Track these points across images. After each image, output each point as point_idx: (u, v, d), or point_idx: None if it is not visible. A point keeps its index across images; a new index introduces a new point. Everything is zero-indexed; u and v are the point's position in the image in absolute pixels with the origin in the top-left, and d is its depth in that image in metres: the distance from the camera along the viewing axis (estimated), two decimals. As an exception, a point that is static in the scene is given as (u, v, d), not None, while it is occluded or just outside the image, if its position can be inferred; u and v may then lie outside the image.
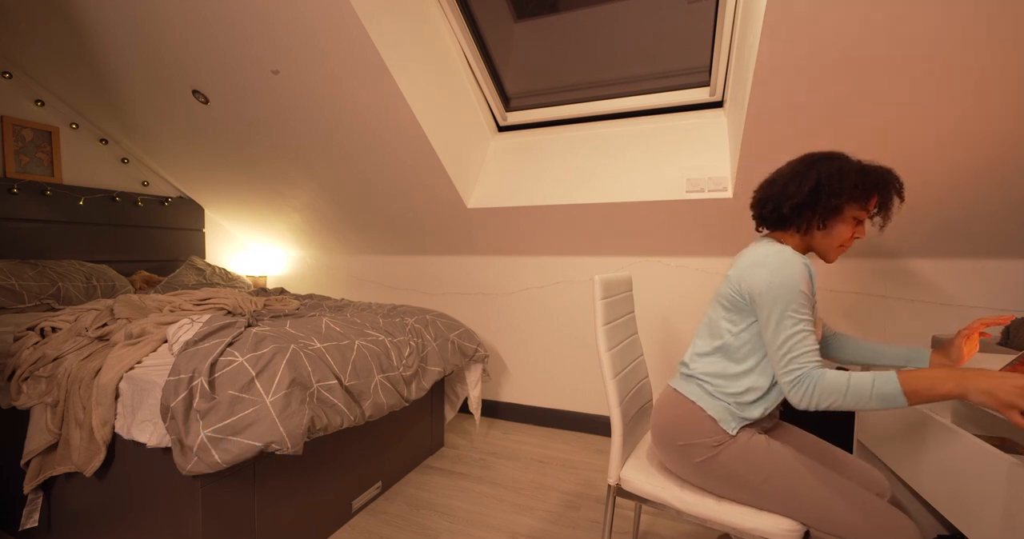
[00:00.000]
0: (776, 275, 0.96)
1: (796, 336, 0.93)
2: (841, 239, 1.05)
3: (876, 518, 0.91)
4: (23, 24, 2.04)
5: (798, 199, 1.03)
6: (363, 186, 2.46)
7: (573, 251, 2.48)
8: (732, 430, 1.03)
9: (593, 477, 2.01)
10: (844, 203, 1.01)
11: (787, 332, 0.94)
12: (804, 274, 0.96)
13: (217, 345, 1.27)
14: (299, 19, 1.64)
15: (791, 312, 0.94)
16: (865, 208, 1.02)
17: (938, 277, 1.96)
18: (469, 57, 2.13)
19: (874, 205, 1.03)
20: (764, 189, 1.11)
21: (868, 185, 1.00)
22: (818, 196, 1.01)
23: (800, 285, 0.94)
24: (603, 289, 1.23)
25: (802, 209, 1.04)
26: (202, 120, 2.31)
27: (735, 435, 1.04)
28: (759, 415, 1.04)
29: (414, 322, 1.94)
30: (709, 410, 1.06)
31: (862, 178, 1.00)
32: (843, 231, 1.04)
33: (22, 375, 1.46)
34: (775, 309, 0.95)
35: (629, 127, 2.17)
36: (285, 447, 1.18)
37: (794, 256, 0.98)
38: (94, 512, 1.37)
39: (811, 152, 1.08)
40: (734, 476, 1.02)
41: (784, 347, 0.93)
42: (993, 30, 1.18)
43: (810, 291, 0.97)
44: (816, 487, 0.97)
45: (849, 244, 1.06)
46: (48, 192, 2.36)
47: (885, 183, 1.00)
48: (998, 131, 1.43)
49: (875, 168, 1.01)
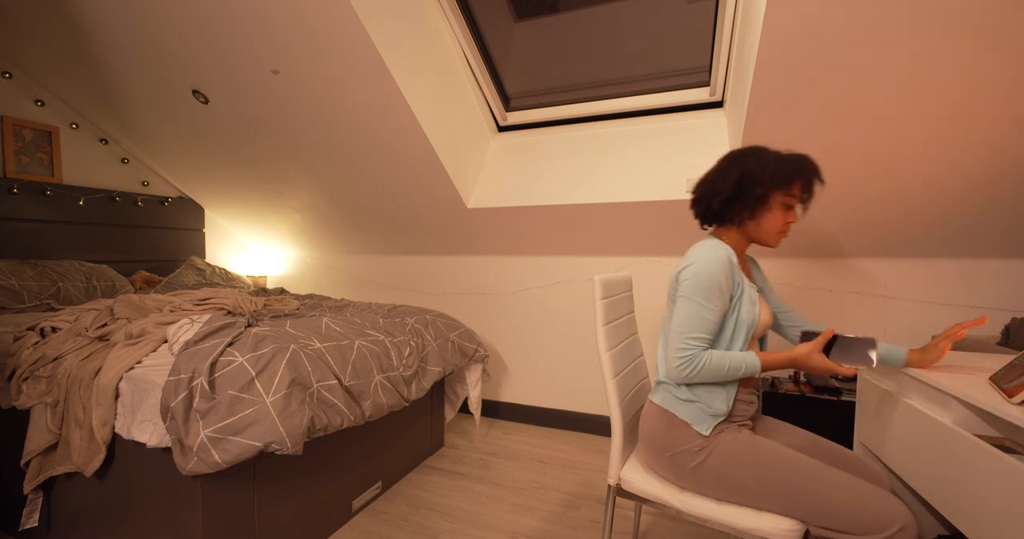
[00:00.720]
0: (695, 265, 1.06)
1: (694, 320, 1.04)
2: (775, 225, 1.11)
3: (871, 505, 0.92)
4: (23, 24, 2.04)
5: (725, 194, 1.11)
6: (363, 186, 2.46)
7: (573, 251, 2.48)
8: (706, 431, 1.06)
9: (593, 477, 2.01)
10: (768, 192, 1.08)
11: (687, 313, 1.04)
12: (722, 265, 1.05)
13: (217, 345, 1.27)
14: (299, 19, 1.64)
15: (697, 298, 1.04)
16: (790, 193, 1.09)
17: (938, 277, 1.96)
18: (469, 57, 2.13)
19: (797, 190, 1.09)
20: (697, 189, 1.19)
21: (786, 172, 1.07)
22: (743, 189, 1.09)
23: (715, 276, 1.04)
24: (603, 289, 1.23)
25: (731, 203, 1.12)
26: (202, 120, 2.31)
27: (714, 436, 1.06)
28: (726, 407, 1.07)
29: (414, 322, 1.94)
30: (680, 414, 1.09)
31: (780, 167, 1.07)
32: (774, 218, 1.11)
33: (22, 375, 1.46)
34: (684, 292, 1.06)
35: (629, 127, 2.17)
36: (285, 447, 1.18)
37: (717, 248, 1.08)
38: (94, 512, 1.37)
39: (733, 150, 1.16)
40: (726, 478, 1.03)
41: (682, 326, 1.04)
42: (993, 30, 1.18)
43: (728, 280, 1.05)
44: (809, 479, 0.97)
45: (786, 229, 1.13)
46: (48, 192, 2.36)
47: (801, 168, 1.07)
48: (997, 131, 1.43)
49: (791, 156, 1.09)
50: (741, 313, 1.08)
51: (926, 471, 1.07)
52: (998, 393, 0.95)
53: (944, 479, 1.00)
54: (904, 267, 2.00)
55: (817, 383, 1.94)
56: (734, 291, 1.08)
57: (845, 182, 1.72)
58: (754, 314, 1.09)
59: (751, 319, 1.09)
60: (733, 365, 1.03)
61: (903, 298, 2.01)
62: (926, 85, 1.35)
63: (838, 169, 1.68)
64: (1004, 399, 0.92)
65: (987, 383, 1.02)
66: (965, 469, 0.94)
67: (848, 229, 1.93)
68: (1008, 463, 0.83)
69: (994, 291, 1.89)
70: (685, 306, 1.05)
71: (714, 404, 1.07)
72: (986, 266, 1.90)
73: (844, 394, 1.84)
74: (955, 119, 1.42)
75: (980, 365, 1.17)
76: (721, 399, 1.07)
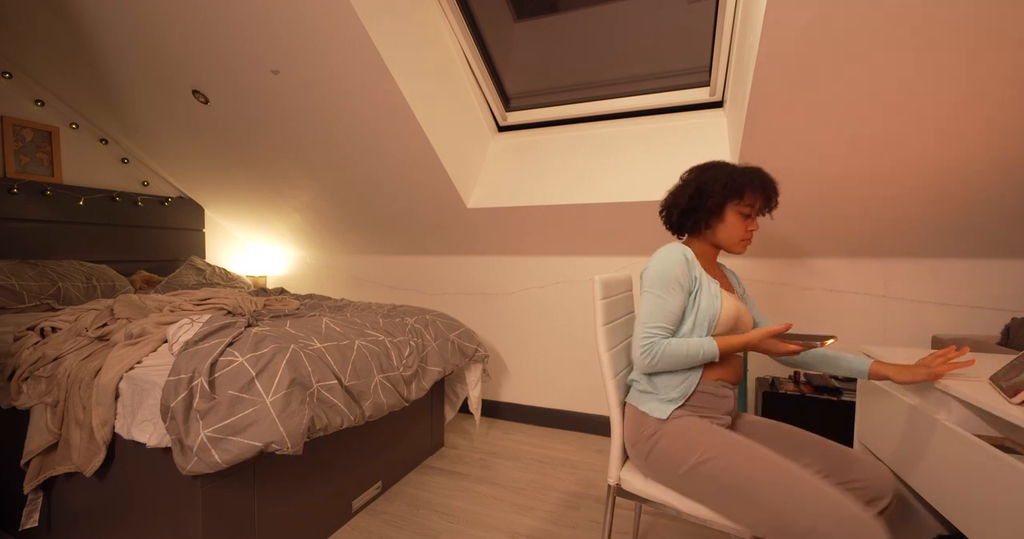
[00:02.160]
0: (656, 258, 1.14)
1: (654, 311, 1.09)
2: (735, 233, 1.18)
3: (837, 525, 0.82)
4: (23, 24, 2.05)
5: (682, 206, 1.20)
6: (363, 186, 2.46)
7: (573, 251, 2.48)
8: (663, 415, 1.09)
9: (593, 477, 2.01)
10: (721, 202, 1.15)
11: (647, 306, 1.11)
12: (676, 260, 1.12)
13: (217, 345, 1.27)
14: (299, 19, 1.64)
15: (656, 290, 1.10)
16: (743, 203, 1.15)
17: (938, 277, 1.96)
18: (469, 57, 2.13)
19: (751, 199, 1.15)
20: (664, 201, 1.27)
21: (737, 184, 1.14)
22: (699, 200, 1.18)
23: (669, 269, 1.11)
24: (603, 289, 1.23)
25: (688, 214, 1.20)
26: (202, 120, 2.31)
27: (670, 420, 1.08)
28: (682, 393, 1.10)
29: (414, 322, 1.94)
30: (642, 407, 1.13)
31: (731, 179, 1.14)
32: (732, 226, 1.17)
33: (22, 375, 1.46)
34: (644, 288, 1.13)
35: (629, 127, 2.17)
36: (285, 447, 1.18)
37: (673, 247, 1.15)
38: (94, 512, 1.37)
39: (696, 164, 1.24)
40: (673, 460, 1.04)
41: (644, 317, 1.10)
42: (994, 30, 1.18)
43: (685, 274, 1.12)
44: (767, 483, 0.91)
45: (748, 236, 1.19)
46: (48, 192, 2.36)
47: (752, 179, 1.14)
48: (998, 132, 1.43)
49: (744, 169, 1.16)
50: (701, 305, 1.12)
51: (926, 471, 1.07)
52: (998, 393, 0.95)
53: (944, 479, 1.00)
54: (904, 267, 2.00)
55: (817, 383, 1.94)
56: (692, 285, 1.13)
57: (846, 182, 1.72)
58: (715, 307, 1.12)
59: (712, 312, 1.12)
60: (691, 350, 1.07)
61: (903, 298, 2.01)
62: (927, 85, 1.35)
63: (838, 169, 1.68)
64: (1004, 399, 0.92)
65: (987, 383, 1.02)
66: (965, 469, 0.94)
67: (849, 229, 1.93)
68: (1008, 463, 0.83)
69: (994, 291, 1.89)
70: (645, 300, 1.12)
71: (672, 392, 1.11)
72: (986, 266, 1.90)
73: (844, 394, 1.84)
74: (956, 119, 1.42)
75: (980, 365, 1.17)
76: (678, 386, 1.11)
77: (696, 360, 1.08)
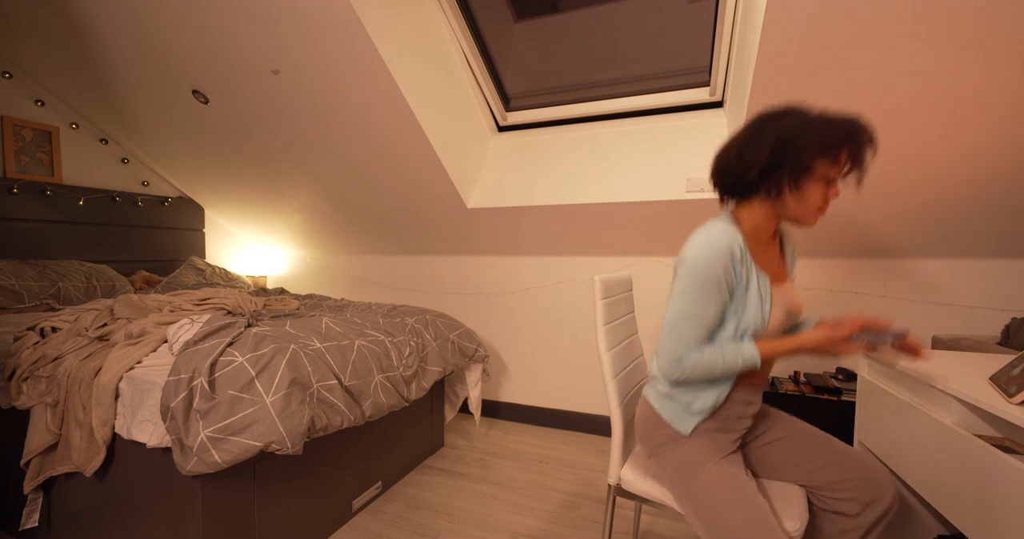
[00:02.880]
0: (695, 250, 0.93)
1: (688, 317, 0.93)
2: (816, 201, 0.94)
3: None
4: (23, 24, 2.04)
5: (761, 164, 0.93)
6: (363, 186, 2.46)
7: (573, 251, 2.48)
8: (686, 430, 1.00)
9: (593, 477, 2.01)
10: (813, 159, 0.90)
11: (680, 309, 0.94)
12: (720, 257, 0.91)
13: (217, 345, 1.27)
14: (299, 19, 1.64)
15: (693, 292, 0.93)
16: (836, 164, 0.92)
17: (938, 277, 1.96)
18: (469, 57, 2.13)
19: (845, 160, 0.92)
20: (721, 159, 1.01)
21: (837, 137, 0.89)
22: (782, 156, 0.91)
23: (711, 269, 0.91)
24: (603, 289, 1.23)
25: (767, 174, 0.94)
26: (202, 120, 2.31)
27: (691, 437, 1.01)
28: (712, 404, 0.99)
29: (414, 322, 1.94)
30: (661, 412, 1.04)
31: (828, 129, 0.89)
32: (815, 192, 0.93)
33: (22, 375, 1.46)
34: (682, 282, 0.94)
35: (629, 127, 2.17)
36: (285, 447, 1.18)
37: (719, 236, 0.93)
38: (94, 512, 1.37)
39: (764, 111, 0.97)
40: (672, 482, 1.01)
41: (675, 323, 0.94)
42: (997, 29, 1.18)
43: (729, 273, 0.93)
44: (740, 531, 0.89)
45: (826, 206, 0.96)
46: (48, 192, 2.36)
47: (855, 133, 0.89)
48: (998, 133, 1.43)
49: (841, 117, 0.90)
50: (747, 311, 0.95)
51: (926, 471, 1.07)
52: (998, 393, 0.95)
53: (944, 479, 1.00)
54: (904, 267, 2.00)
55: (817, 383, 1.94)
56: (736, 286, 0.95)
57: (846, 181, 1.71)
58: (763, 314, 0.96)
59: (759, 320, 0.96)
60: (728, 361, 0.93)
61: (903, 298, 2.01)
62: (928, 85, 1.35)
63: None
64: (1004, 399, 0.92)
65: (987, 383, 1.02)
66: (965, 469, 0.94)
67: (848, 229, 1.93)
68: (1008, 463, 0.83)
69: (994, 291, 1.89)
70: (679, 301, 0.95)
71: (696, 403, 1.00)
72: (986, 266, 1.90)
73: (844, 394, 1.84)
74: (956, 119, 1.42)
75: (980, 365, 1.17)
76: (706, 398, 0.99)
77: (733, 371, 0.95)
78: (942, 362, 1.21)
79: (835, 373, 2.04)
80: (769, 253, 1.04)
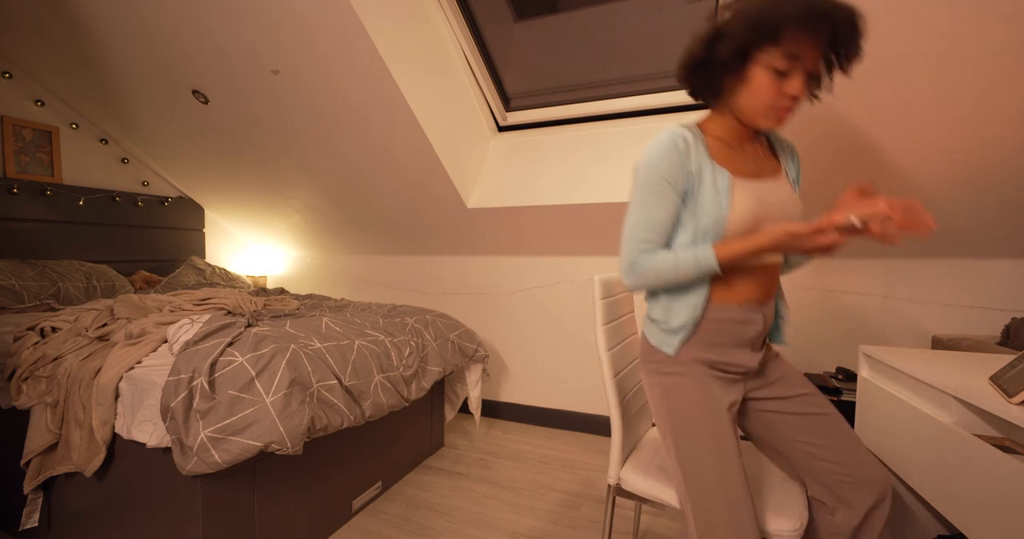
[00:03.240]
0: (642, 155, 0.91)
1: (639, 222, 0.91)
2: (765, 96, 0.84)
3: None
4: (23, 24, 2.04)
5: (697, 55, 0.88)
6: (363, 186, 2.46)
7: (573, 251, 2.48)
8: (671, 351, 0.94)
9: (593, 477, 2.01)
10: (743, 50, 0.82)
11: (632, 215, 0.92)
12: (664, 152, 0.87)
13: (217, 345, 1.27)
14: (299, 19, 1.64)
15: (639, 195, 0.91)
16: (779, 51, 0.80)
17: (938, 277, 1.96)
18: (469, 57, 2.13)
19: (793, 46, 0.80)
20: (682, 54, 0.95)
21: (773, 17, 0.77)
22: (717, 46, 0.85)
23: (655, 166, 0.87)
24: (603, 289, 1.23)
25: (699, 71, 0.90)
26: (202, 120, 2.31)
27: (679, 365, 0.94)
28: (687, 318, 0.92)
29: (414, 322, 1.94)
30: (651, 338, 0.99)
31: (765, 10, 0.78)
32: (763, 85, 0.83)
33: (22, 375, 1.46)
34: (633, 189, 0.92)
35: (629, 127, 2.17)
36: (285, 447, 1.18)
37: (666, 133, 0.88)
38: (94, 512, 1.37)
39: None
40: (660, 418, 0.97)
41: (628, 230, 0.92)
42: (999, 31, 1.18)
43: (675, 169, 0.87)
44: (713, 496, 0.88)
45: (783, 104, 0.84)
46: (48, 192, 2.36)
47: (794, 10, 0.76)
48: (998, 132, 1.42)
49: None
50: (702, 206, 0.87)
51: (926, 471, 1.07)
52: (998, 393, 0.95)
53: (944, 479, 1.01)
54: (904, 267, 2.00)
55: (817, 383, 1.94)
56: (688, 181, 0.88)
57: (846, 181, 1.71)
58: (720, 208, 0.86)
59: (717, 214, 0.87)
60: (682, 264, 0.86)
61: (903, 298, 2.01)
62: (928, 84, 1.35)
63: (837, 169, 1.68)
64: (1004, 399, 0.92)
65: (987, 383, 1.02)
66: (965, 469, 0.94)
67: (848, 229, 1.93)
68: (1008, 463, 0.83)
69: (994, 291, 1.89)
70: (631, 207, 0.92)
71: (672, 319, 0.93)
72: (986, 266, 1.90)
73: (844, 394, 1.84)
74: (958, 120, 1.42)
75: (980, 365, 1.17)
76: (682, 312, 0.92)
77: (689, 274, 0.87)
78: (942, 362, 1.21)
79: (835, 373, 2.04)
80: (749, 153, 0.97)
